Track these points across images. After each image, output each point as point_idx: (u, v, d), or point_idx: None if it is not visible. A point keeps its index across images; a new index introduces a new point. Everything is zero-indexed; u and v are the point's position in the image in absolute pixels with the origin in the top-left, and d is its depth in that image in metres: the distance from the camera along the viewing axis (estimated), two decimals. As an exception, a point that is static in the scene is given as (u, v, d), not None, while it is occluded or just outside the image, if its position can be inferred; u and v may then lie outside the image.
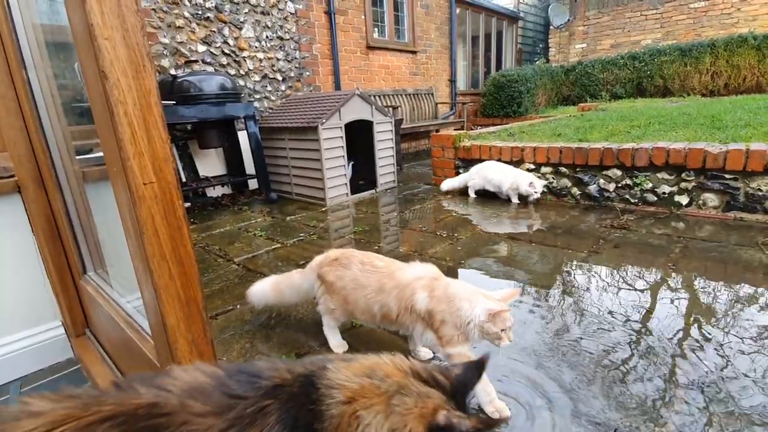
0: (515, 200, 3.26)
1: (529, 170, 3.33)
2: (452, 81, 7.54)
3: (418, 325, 1.19)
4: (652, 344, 1.36)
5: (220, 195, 4.01)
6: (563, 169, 3.14)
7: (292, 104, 4.11)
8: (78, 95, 1.36)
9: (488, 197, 3.46)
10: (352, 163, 4.08)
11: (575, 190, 3.10)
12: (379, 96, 5.82)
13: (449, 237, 2.54)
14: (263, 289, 1.53)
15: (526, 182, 3.08)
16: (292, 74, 4.74)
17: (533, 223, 2.76)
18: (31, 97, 1.24)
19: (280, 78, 4.61)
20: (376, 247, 2.46)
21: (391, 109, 5.43)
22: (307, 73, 4.91)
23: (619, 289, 1.76)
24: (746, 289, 1.68)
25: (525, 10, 10.52)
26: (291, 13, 4.64)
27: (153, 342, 0.66)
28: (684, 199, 2.66)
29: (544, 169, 3.25)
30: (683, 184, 2.65)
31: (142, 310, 0.96)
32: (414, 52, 6.54)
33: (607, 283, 1.82)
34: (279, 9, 4.51)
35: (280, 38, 4.55)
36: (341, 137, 3.58)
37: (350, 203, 3.64)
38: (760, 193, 2.39)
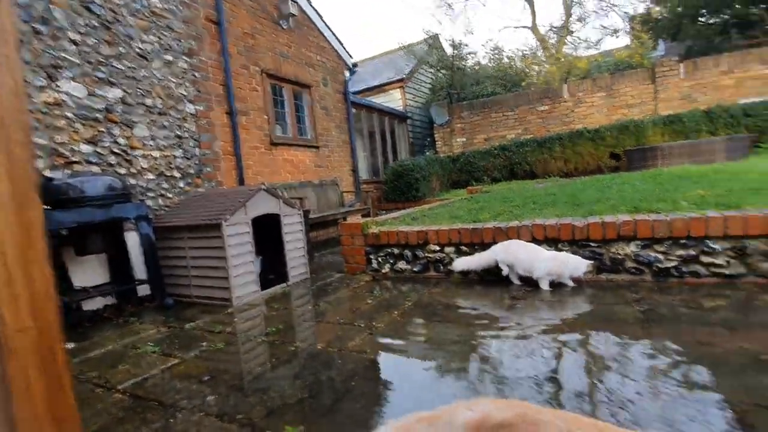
0: (545, 287, 2.84)
1: (434, 251, 3.55)
2: (354, 171, 8.03)
3: None
4: (562, 397, 1.42)
5: (102, 307, 3.47)
6: (464, 248, 3.41)
7: (191, 201, 3.92)
8: None
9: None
10: (260, 258, 3.92)
11: (477, 267, 3.36)
12: (286, 188, 5.89)
13: (368, 327, 2.50)
14: None
15: (583, 265, 2.74)
16: (192, 171, 4.60)
17: (449, 302, 2.86)
18: None
19: (178, 175, 4.44)
20: (293, 348, 2.29)
21: (298, 200, 5.49)
22: (208, 169, 4.82)
23: (523, 352, 1.87)
24: (628, 340, 1.91)
25: (411, 110, 12.06)
26: (191, 114, 4.65)
27: None
28: (565, 267, 3.04)
29: (447, 249, 3.49)
30: (562, 254, 3.05)
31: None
32: (317, 147, 6.91)
33: (509, 347, 1.92)
34: (177, 110, 4.49)
35: (179, 137, 4.48)
36: (248, 232, 3.47)
37: (260, 300, 3.42)
38: (619, 257, 2.86)
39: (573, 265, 2.78)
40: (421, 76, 12.95)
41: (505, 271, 3.06)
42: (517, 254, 2.96)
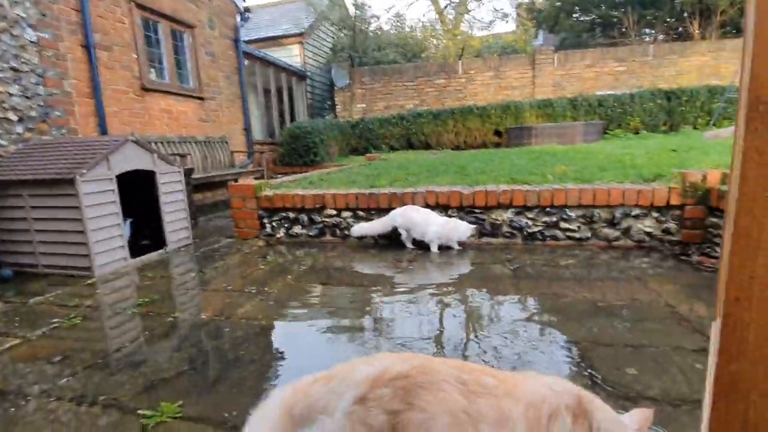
0: (435, 249, 3.05)
1: (330, 215, 3.51)
2: (246, 130, 7.43)
3: None
4: (445, 345, 1.55)
5: None
6: (360, 213, 3.44)
7: (34, 151, 3.20)
8: None
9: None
10: (130, 220, 3.42)
11: (373, 231, 3.43)
12: (163, 143, 5.18)
13: (260, 292, 2.38)
14: None
15: (468, 229, 2.99)
16: (34, 113, 3.73)
17: (345, 265, 2.87)
18: None
19: (15, 117, 3.56)
20: (171, 319, 2.07)
21: (178, 157, 4.90)
22: (57, 113, 3.96)
23: (413, 310, 1.98)
24: (500, 295, 2.14)
25: (311, 69, 11.48)
26: (31, 42, 3.70)
27: None
28: (452, 232, 3.27)
29: (344, 214, 3.47)
30: (450, 220, 3.27)
31: None
32: (201, 99, 6.16)
33: (401, 306, 2.03)
34: (13, 35, 3.54)
35: (15, 69, 3.55)
36: (112, 191, 2.97)
37: (131, 269, 3.01)
38: (498, 222, 3.17)
39: (460, 230, 3.01)
40: (321, 33, 12.33)
41: (404, 235, 3.17)
42: (413, 219, 3.08)
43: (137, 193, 3.42)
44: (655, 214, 2.87)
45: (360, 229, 3.28)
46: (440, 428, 0.78)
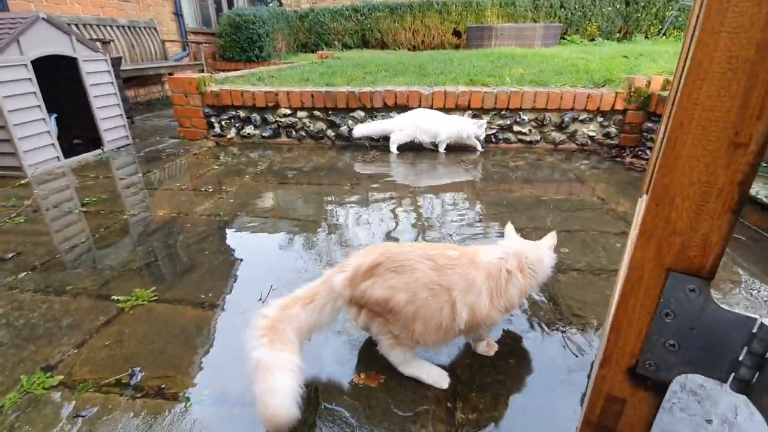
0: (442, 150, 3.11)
1: (285, 115, 3.35)
2: (178, 15, 6.50)
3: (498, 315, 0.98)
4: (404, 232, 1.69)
5: None
6: (317, 113, 3.31)
7: None
8: None
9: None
10: (54, 116, 3.07)
11: (330, 132, 3.35)
12: (78, 25, 4.45)
13: (217, 191, 2.33)
14: (289, 385, 0.81)
15: (474, 125, 2.95)
16: None
17: (302, 166, 2.84)
18: None
19: None
20: (125, 216, 2.01)
21: (100, 43, 4.27)
22: (-66, -21, 3.20)
23: (375, 209, 2.08)
24: (456, 190, 2.28)
25: (249, -57, 9.85)
26: None
27: None
28: (410, 133, 3.28)
29: (300, 114, 3.33)
30: (408, 121, 3.25)
31: None
32: (120, -28, 5.20)
33: (361, 208, 2.12)
34: None
35: None
36: (30, 79, 2.60)
37: (67, 169, 2.79)
38: (454, 125, 3.21)
39: (472, 128, 2.98)
40: None
41: (394, 145, 3.08)
42: (421, 125, 3.01)
43: (62, 87, 3.02)
44: (599, 119, 3.04)
45: (360, 130, 3.09)
46: (422, 302, 0.90)
